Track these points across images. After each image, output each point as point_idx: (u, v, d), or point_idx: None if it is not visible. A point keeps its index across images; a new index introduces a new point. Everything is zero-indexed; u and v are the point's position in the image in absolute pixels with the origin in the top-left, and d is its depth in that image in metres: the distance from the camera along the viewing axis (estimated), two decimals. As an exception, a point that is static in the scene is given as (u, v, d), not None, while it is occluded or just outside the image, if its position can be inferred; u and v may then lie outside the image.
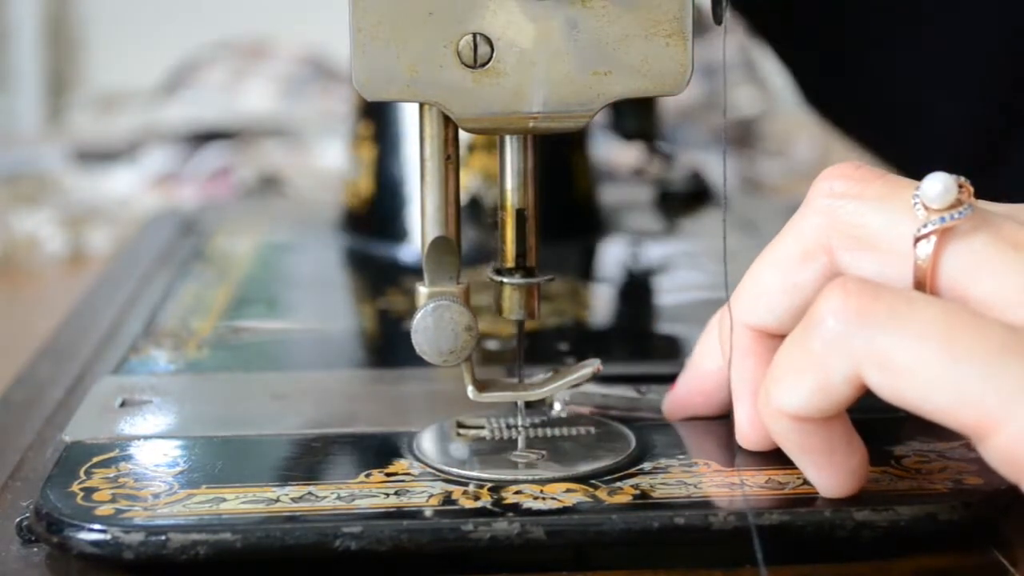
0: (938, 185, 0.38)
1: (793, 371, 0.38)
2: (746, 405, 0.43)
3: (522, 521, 0.39)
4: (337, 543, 0.39)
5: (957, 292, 0.38)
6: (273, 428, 0.46)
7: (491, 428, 0.46)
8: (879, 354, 0.36)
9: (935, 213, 0.38)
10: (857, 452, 0.40)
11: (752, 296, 0.42)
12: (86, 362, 0.57)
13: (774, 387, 0.39)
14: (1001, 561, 0.40)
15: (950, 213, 0.38)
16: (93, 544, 0.39)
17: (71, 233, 0.93)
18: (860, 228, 0.40)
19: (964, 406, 0.35)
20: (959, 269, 0.38)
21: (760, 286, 0.42)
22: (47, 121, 1.90)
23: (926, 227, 0.38)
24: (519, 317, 0.45)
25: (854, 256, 0.40)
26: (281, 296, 0.68)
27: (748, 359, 0.43)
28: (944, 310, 0.36)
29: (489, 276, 0.45)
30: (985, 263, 0.37)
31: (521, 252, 0.45)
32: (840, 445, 0.39)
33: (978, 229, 0.38)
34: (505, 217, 0.44)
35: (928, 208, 0.38)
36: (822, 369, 0.37)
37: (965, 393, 0.35)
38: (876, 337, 0.36)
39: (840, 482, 0.40)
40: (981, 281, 0.37)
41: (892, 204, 0.39)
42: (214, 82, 1.34)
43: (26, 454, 0.47)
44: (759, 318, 0.42)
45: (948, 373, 0.35)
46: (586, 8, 0.41)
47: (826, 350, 0.37)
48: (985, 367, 0.34)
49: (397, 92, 0.41)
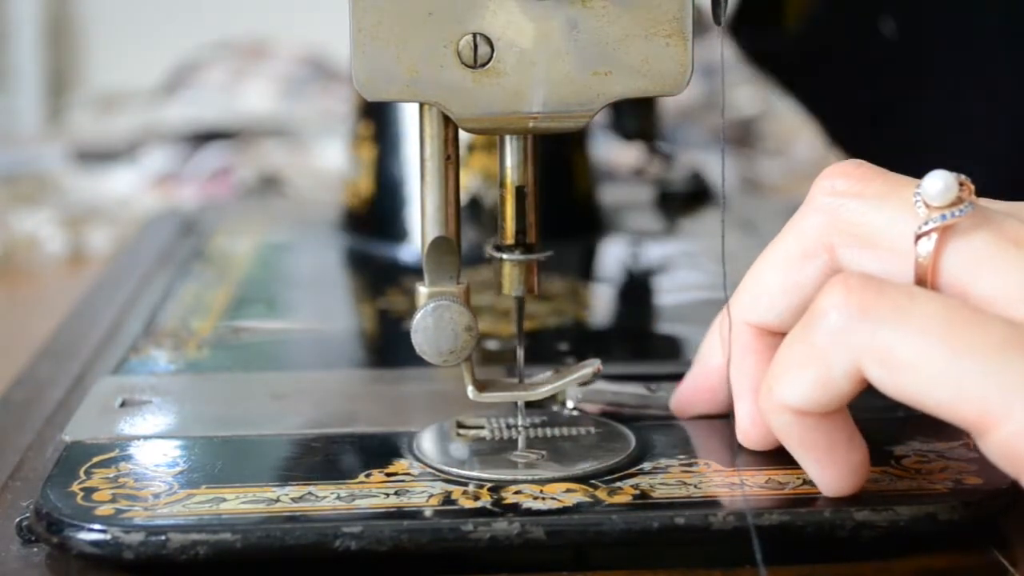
0: (939, 183, 0.38)
1: (795, 365, 0.38)
2: (747, 403, 0.43)
3: (522, 521, 0.39)
4: (337, 543, 0.39)
5: (958, 289, 0.38)
6: (273, 428, 0.46)
7: (491, 428, 0.46)
8: (880, 349, 0.36)
9: (936, 211, 0.38)
10: (858, 450, 0.40)
11: (753, 294, 0.42)
12: (86, 362, 0.57)
13: (776, 381, 0.39)
14: (1001, 561, 0.40)
15: (951, 211, 0.38)
16: (93, 544, 0.39)
17: (71, 233, 0.93)
18: (861, 226, 0.40)
19: (965, 401, 0.35)
20: (960, 266, 0.38)
21: (761, 284, 0.42)
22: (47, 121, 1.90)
23: (927, 224, 0.38)
24: (518, 293, 0.45)
25: (855, 254, 0.40)
26: (281, 296, 0.68)
27: (749, 357, 0.43)
28: (946, 306, 0.36)
29: (489, 252, 0.45)
30: (986, 260, 0.38)
31: (521, 228, 0.45)
32: (841, 442, 0.39)
33: (979, 226, 0.38)
34: (505, 194, 0.44)
35: (929, 206, 0.38)
36: (823, 363, 0.37)
37: (966, 389, 0.35)
38: (877, 332, 0.36)
39: (841, 479, 0.40)
40: (982, 278, 0.37)
41: (893, 202, 0.39)
42: (214, 82, 1.34)
43: (26, 454, 0.47)
44: (760, 316, 0.42)
45: (949, 368, 0.35)
46: (586, 8, 0.41)
47: (828, 344, 0.37)
48: (986, 363, 0.35)
49: (397, 92, 0.41)
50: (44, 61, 2.03)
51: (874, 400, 0.41)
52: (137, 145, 1.11)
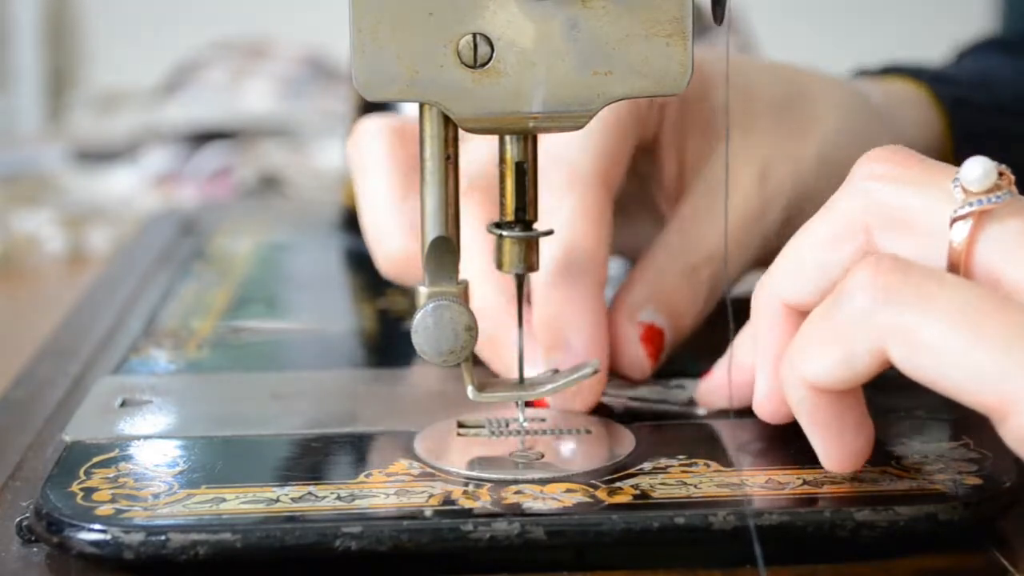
0: (978, 168, 0.38)
1: (819, 341, 0.39)
2: (766, 376, 0.43)
3: (522, 521, 0.39)
4: (337, 543, 0.39)
5: (991, 275, 0.38)
6: (273, 428, 0.46)
7: (491, 428, 0.46)
8: (904, 331, 0.36)
9: (973, 196, 0.38)
10: (865, 432, 0.40)
11: (786, 271, 0.42)
12: (86, 362, 0.57)
13: (799, 355, 0.39)
14: (1001, 561, 0.40)
15: (988, 196, 0.38)
16: (93, 544, 0.39)
17: (71, 233, 0.93)
18: (898, 210, 0.40)
19: (984, 387, 0.35)
20: (994, 251, 0.38)
21: (795, 262, 0.42)
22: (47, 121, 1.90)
23: (963, 209, 0.38)
24: (519, 271, 0.45)
25: (891, 237, 0.40)
26: (281, 296, 0.68)
27: (775, 331, 0.43)
28: (971, 291, 0.36)
29: (489, 230, 0.45)
30: (1020, 247, 0.38)
31: (521, 205, 0.44)
32: (851, 421, 0.40)
33: (1015, 214, 0.38)
34: (505, 170, 0.44)
35: (967, 191, 0.38)
36: (848, 341, 0.38)
37: (986, 374, 0.35)
38: (903, 314, 0.36)
39: (844, 458, 0.40)
40: (1015, 265, 0.37)
41: (931, 187, 0.39)
42: (214, 82, 1.34)
43: (26, 454, 0.47)
44: (792, 293, 0.42)
45: (969, 354, 0.35)
46: (586, 8, 0.41)
47: (853, 323, 0.37)
48: (1007, 349, 0.35)
49: (397, 92, 0.41)
50: (44, 61, 2.03)
51: (874, 400, 0.41)
52: (137, 145, 1.11)
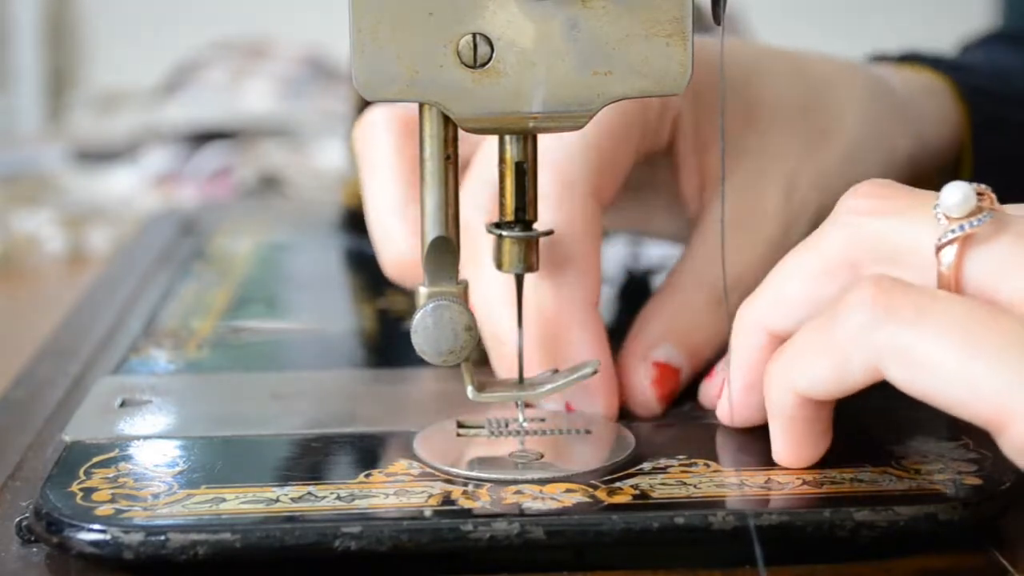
0: (957, 194, 0.39)
1: (813, 352, 0.39)
2: (737, 390, 0.44)
3: (522, 521, 0.39)
4: (337, 543, 0.39)
5: (984, 297, 0.38)
6: (273, 428, 0.46)
7: (491, 428, 0.46)
8: (900, 349, 0.37)
9: (955, 221, 0.39)
10: (826, 440, 0.42)
11: (770, 301, 0.43)
12: (86, 362, 0.57)
13: (791, 363, 0.40)
14: (1001, 561, 0.40)
15: (970, 220, 0.38)
16: (93, 544, 0.39)
17: (71, 233, 0.93)
18: (884, 244, 0.40)
19: (980, 400, 0.35)
20: (984, 273, 0.38)
21: (780, 293, 0.43)
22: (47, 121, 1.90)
23: (947, 235, 0.39)
24: (518, 271, 0.45)
25: (881, 271, 0.40)
26: (281, 296, 0.68)
27: (754, 355, 0.44)
28: (965, 306, 0.37)
29: (488, 230, 0.45)
30: (1009, 264, 0.38)
31: (520, 205, 0.44)
32: (819, 428, 0.41)
33: (999, 232, 0.38)
34: (504, 169, 0.44)
35: (949, 217, 0.39)
36: (843, 356, 0.38)
37: (981, 387, 0.35)
38: (898, 332, 0.37)
39: (801, 460, 0.42)
40: (1006, 282, 0.38)
41: (915, 217, 0.40)
42: (214, 82, 1.34)
43: (26, 454, 0.47)
44: (776, 322, 0.43)
45: (964, 368, 0.36)
46: (586, 8, 0.41)
47: (850, 339, 0.38)
48: (1001, 361, 0.35)
49: (397, 92, 0.41)
50: (44, 61, 2.03)
51: (874, 400, 0.41)
52: (137, 145, 1.11)
